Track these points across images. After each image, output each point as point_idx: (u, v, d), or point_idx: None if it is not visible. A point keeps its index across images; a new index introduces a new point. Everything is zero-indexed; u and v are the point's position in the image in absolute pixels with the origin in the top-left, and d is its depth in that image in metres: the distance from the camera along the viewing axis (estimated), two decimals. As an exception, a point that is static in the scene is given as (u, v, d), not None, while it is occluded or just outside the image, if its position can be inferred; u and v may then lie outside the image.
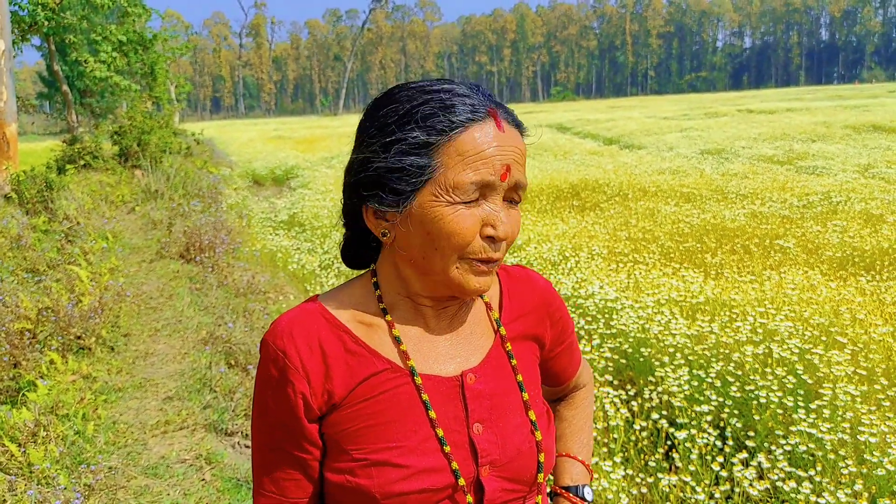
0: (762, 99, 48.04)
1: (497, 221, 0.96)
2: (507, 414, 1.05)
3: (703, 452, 3.16)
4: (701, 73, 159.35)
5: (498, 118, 0.97)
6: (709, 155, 15.86)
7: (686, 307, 4.60)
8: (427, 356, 1.04)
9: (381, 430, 0.99)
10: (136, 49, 20.01)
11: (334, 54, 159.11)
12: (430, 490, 0.97)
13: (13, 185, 11.03)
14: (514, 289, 1.15)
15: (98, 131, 16.62)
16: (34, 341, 4.91)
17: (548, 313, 1.17)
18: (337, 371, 1.00)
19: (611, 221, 8.12)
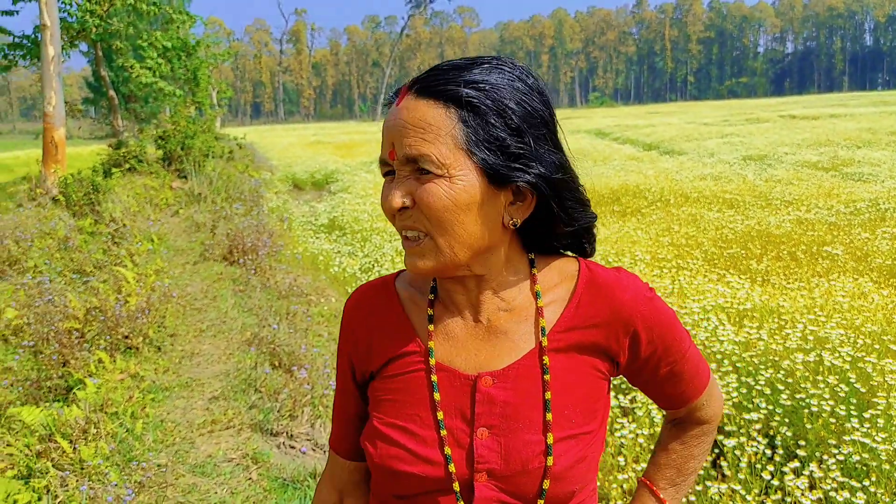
0: (805, 105, 47.22)
1: (385, 193, 0.98)
2: (520, 427, 0.99)
3: (753, 461, 3.10)
4: (741, 78, 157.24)
5: (403, 95, 0.97)
6: (751, 161, 15.62)
7: (733, 313, 4.53)
8: (452, 346, 1.04)
9: (397, 407, 1.03)
10: (180, 55, 20.37)
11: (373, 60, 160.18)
12: (424, 478, 0.98)
13: (61, 188, 11.29)
14: (587, 295, 1.04)
15: (142, 136, 16.96)
16: (82, 340, 5.01)
17: (627, 331, 1.03)
18: (379, 343, 1.08)
19: (653, 227, 8.05)
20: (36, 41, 15.14)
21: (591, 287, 1.05)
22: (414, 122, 0.93)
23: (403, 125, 0.94)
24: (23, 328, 5.32)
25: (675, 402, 1.14)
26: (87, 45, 20.76)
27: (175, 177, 13.98)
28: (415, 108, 0.94)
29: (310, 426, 3.85)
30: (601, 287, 1.04)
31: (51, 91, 11.94)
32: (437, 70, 0.96)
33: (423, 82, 0.95)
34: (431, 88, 0.94)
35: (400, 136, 0.94)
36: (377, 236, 9.11)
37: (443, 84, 0.94)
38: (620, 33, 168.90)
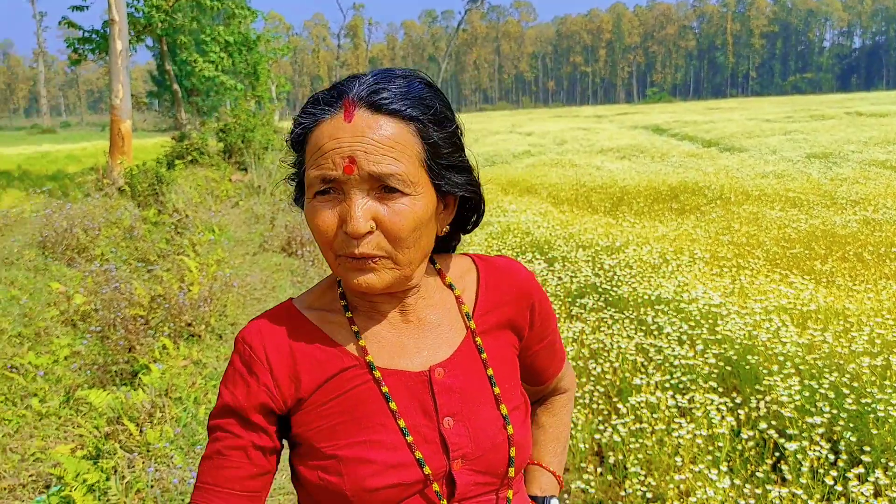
0: (872, 101, 45.70)
1: (347, 216, 0.93)
2: (479, 407, 1.03)
3: (815, 466, 3.04)
4: (806, 74, 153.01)
5: (349, 108, 0.93)
6: (815, 159, 15.21)
7: (796, 315, 4.43)
8: (391, 351, 1.04)
9: (349, 427, 0.99)
10: (241, 49, 20.76)
11: (429, 55, 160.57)
12: (401, 485, 0.97)
13: (127, 179, 11.62)
14: (492, 278, 1.12)
15: (204, 129, 17.34)
16: (147, 327, 5.16)
17: (528, 304, 1.13)
18: (304, 367, 1.01)
19: (712, 225, 7.91)
20: (104, 36, 15.60)
21: (492, 272, 1.13)
22: (380, 139, 0.92)
23: (368, 141, 0.92)
24: (90, 314, 5.50)
25: (549, 374, 1.23)
26: (152, 40, 21.29)
27: (235, 169, 14.27)
28: (376, 124, 0.93)
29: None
30: (500, 270, 1.14)
31: (118, 84, 12.29)
32: (377, 84, 0.95)
33: (374, 97, 0.94)
34: (386, 105, 0.94)
35: (364, 153, 0.91)
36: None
37: (398, 100, 0.94)
38: (680, 27, 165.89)
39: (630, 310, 5.12)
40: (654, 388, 3.80)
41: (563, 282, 5.86)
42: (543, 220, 8.45)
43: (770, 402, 3.56)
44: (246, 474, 1.00)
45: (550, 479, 1.26)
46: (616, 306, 5.31)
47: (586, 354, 4.40)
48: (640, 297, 5.20)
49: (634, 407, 3.63)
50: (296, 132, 0.98)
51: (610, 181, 12.09)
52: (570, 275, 6.01)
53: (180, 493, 2.93)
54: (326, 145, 0.93)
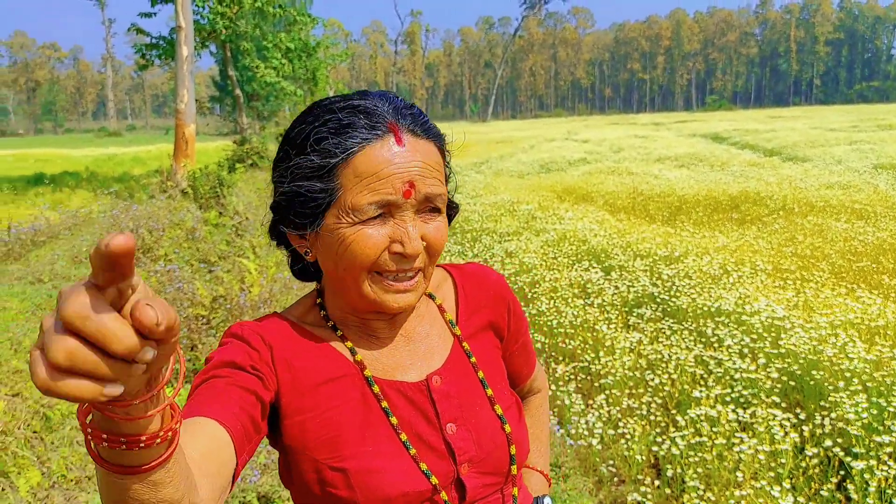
0: (945, 111, 44.13)
1: (405, 238, 0.94)
2: (477, 411, 1.05)
3: (883, 486, 2.95)
4: (873, 82, 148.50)
5: (398, 132, 0.94)
6: (883, 170, 14.75)
7: (863, 330, 4.31)
8: (387, 365, 1.04)
9: (353, 437, 0.98)
10: (301, 55, 21.10)
11: (485, 61, 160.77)
12: (412, 493, 0.97)
13: (189, 181, 11.92)
14: (468, 284, 1.16)
15: (264, 133, 17.67)
16: (208, 327, 5.28)
17: (505, 305, 1.17)
18: (303, 363, 1.00)
19: (774, 236, 7.74)
20: (171, 42, 16.04)
21: (468, 278, 1.17)
22: (430, 163, 0.96)
23: (422, 165, 0.95)
24: (155, 313, 5.64)
25: (523, 375, 1.26)
26: (216, 46, 21.82)
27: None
28: (425, 149, 0.96)
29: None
30: (474, 275, 1.18)
31: (183, 89, 12.61)
32: (405, 107, 0.98)
33: (413, 121, 0.97)
34: (424, 128, 0.98)
35: (421, 176, 0.95)
36: (487, 237, 9.15)
37: (428, 124, 0.99)
38: (742, 34, 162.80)
39: (689, 321, 5.04)
40: (713, 402, 3.73)
41: (620, 291, 5.80)
42: (600, 229, 8.38)
43: (835, 419, 3.47)
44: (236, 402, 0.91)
45: (540, 479, 1.29)
46: (674, 317, 5.24)
47: (643, 365, 4.35)
48: (699, 308, 5.12)
49: (693, 420, 3.57)
50: (340, 158, 0.93)
51: (668, 190, 11.93)
52: (628, 284, 5.95)
53: (242, 491, 2.98)
54: (384, 170, 0.92)
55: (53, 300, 6.03)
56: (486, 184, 14.99)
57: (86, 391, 0.50)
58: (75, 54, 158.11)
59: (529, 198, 12.07)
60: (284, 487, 1.07)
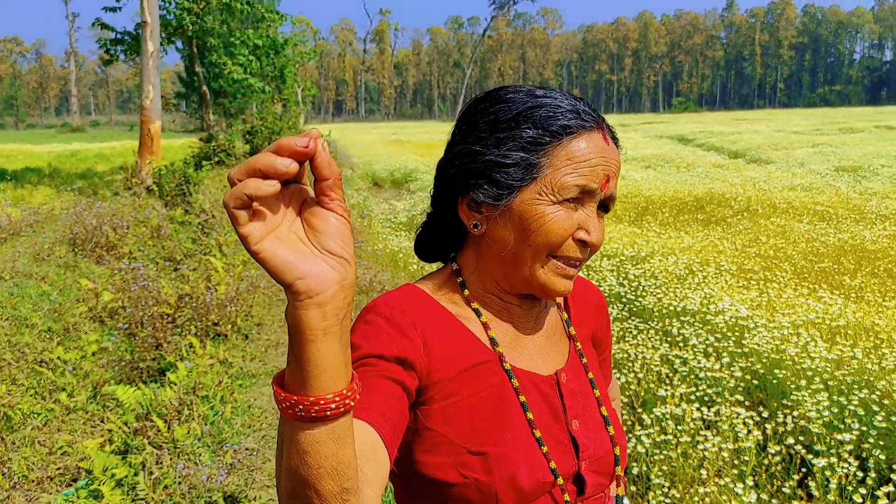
0: (903, 115, 45.14)
1: (591, 227, 1.00)
2: (593, 410, 1.10)
3: (843, 483, 3.01)
4: (835, 86, 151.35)
5: (605, 132, 1.01)
6: (844, 172, 15.05)
7: (825, 330, 4.39)
8: (522, 354, 1.07)
9: (494, 424, 1.00)
10: (269, 53, 20.93)
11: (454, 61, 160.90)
12: (540, 483, 0.99)
13: (155, 179, 11.77)
14: (576, 294, 1.20)
15: (232, 130, 17.49)
16: (174, 325, 5.22)
17: (603, 319, 1.24)
18: (447, 350, 1.00)
19: (739, 237, 7.85)
20: (136, 37, 15.81)
21: (575, 286, 1.19)
22: (619, 166, 1.04)
23: (616, 168, 1.02)
24: (118, 311, 5.58)
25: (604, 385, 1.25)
26: (182, 42, 21.55)
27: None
28: (618, 154, 1.03)
29: (390, 420, 3.92)
30: (581, 285, 1.22)
31: (149, 85, 12.44)
32: (593, 107, 1.03)
33: (609, 129, 1.03)
34: (614, 137, 1.04)
35: (614, 175, 1.01)
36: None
37: (613, 130, 1.05)
38: (708, 37, 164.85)
39: (655, 321, 5.10)
40: (678, 400, 3.77)
41: (588, 291, 5.84)
42: (568, 229, 8.43)
43: (797, 417, 3.53)
44: (396, 409, 0.92)
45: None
46: (640, 317, 5.29)
47: (611, 364, 4.38)
48: (665, 307, 5.17)
49: (659, 418, 3.61)
50: (558, 137, 0.97)
51: (634, 190, 12.04)
52: (595, 283, 6.00)
53: (208, 491, 2.95)
54: (594, 160, 0.98)
55: (15, 297, 5.92)
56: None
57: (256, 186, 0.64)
58: (38, 48, 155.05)
59: (498, 197, 12.08)
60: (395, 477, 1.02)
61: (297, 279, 0.66)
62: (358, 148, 28.19)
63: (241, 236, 0.65)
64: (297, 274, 0.66)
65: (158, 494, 2.97)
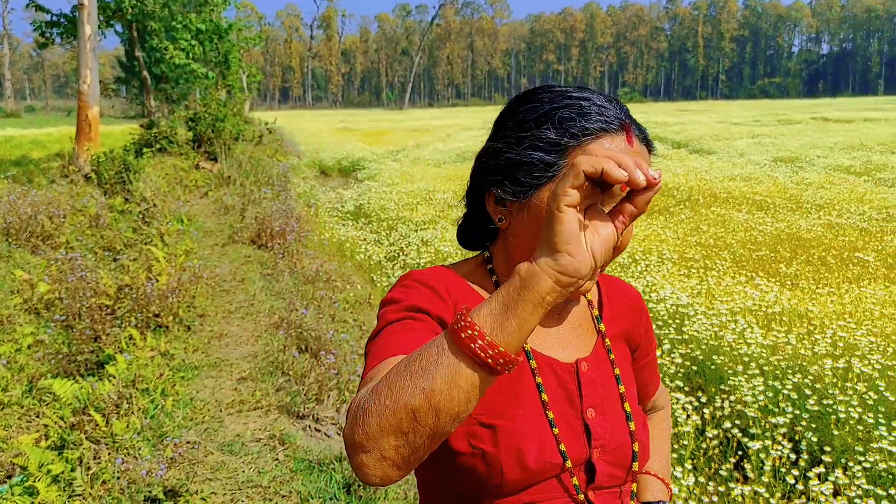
0: (838, 107, 46.55)
1: None
2: (613, 403, 1.11)
3: (777, 465, 3.10)
4: (774, 78, 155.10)
5: (630, 133, 1.01)
6: (782, 163, 15.46)
7: (761, 317, 4.51)
8: (543, 341, 1.10)
9: (507, 400, 1.03)
10: (212, 38, 20.52)
11: (402, 48, 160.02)
12: (548, 464, 1.01)
13: (93, 166, 11.44)
14: (612, 293, 1.22)
15: (174, 117, 17.10)
16: (113, 317, 5.09)
17: (640, 320, 1.23)
18: None
19: (681, 226, 8.01)
20: (72, 20, 15.32)
21: (612, 286, 1.23)
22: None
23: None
24: (55, 303, 5.42)
25: (649, 391, 1.31)
26: (121, 26, 20.97)
27: (205, 159, 14.10)
28: (645, 155, 1.03)
29: (335, 410, 3.90)
30: (618, 286, 1.24)
31: (86, 70, 12.08)
32: (629, 113, 1.04)
33: (637, 127, 1.04)
34: (645, 139, 1.05)
35: None
36: (403, 225, 9.14)
37: (648, 137, 1.06)
38: (653, 29, 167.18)
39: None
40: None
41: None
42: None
43: (734, 401, 3.63)
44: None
45: (661, 486, 1.31)
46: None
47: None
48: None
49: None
50: (578, 140, 0.99)
51: (581, 180, 12.15)
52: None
53: (148, 485, 2.90)
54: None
55: (-57, 290, 5.70)
56: (403, 172, 14.96)
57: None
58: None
59: (445, 186, 12.11)
60: None
61: (567, 253, 0.76)
62: (305, 136, 27.86)
63: (561, 194, 0.77)
64: (570, 249, 0.77)
65: (96, 490, 2.91)
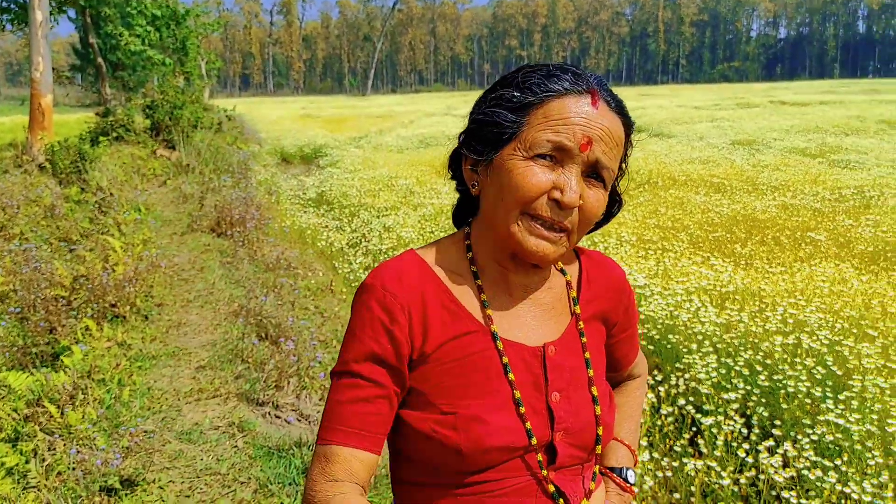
0: (795, 91, 47.32)
1: (566, 187, 1.00)
2: (579, 386, 1.12)
3: (729, 439, 3.17)
4: (733, 62, 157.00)
5: (596, 96, 1.02)
6: (740, 146, 15.70)
7: (715, 296, 4.60)
8: (512, 324, 1.10)
9: (469, 389, 1.05)
10: (169, 24, 20.15)
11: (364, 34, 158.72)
12: (509, 448, 1.04)
13: (47, 155, 11.21)
14: (593, 272, 1.22)
15: (130, 105, 16.78)
16: (69, 308, 5.02)
17: (620, 299, 1.24)
18: (434, 322, 1.06)
19: (639, 209, 8.10)
20: (23, 5, 14.95)
21: (594, 265, 1.23)
22: (612, 135, 1.03)
23: (606, 132, 1.02)
24: (9, 294, 5.32)
25: (626, 361, 1.33)
26: (74, 11, 20.48)
27: (163, 147, 13.89)
28: (613, 122, 1.04)
29: (295, 397, 3.90)
30: (600, 264, 1.24)
31: (38, 57, 11.81)
32: (605, 82, 1.06)
33: (611, 96, 1.05)
34: (618, 106, 1.06)
35: (600, 139, 1.01)
36: (365, 211, 9.12)
37: (623, 105, 1.07)
38: (614, 14, 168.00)
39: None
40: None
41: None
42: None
43: (689, 379, 3.70)
44: (388, 420, 1.06)
45: (626, 453, 1.34)
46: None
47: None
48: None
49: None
50: (539, 96, 1.01)
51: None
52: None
53: (103, 475, 2.88)
54: (572, 119, 1.00)
55: None
56: (365, 158, 14.90)
57: None
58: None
59: (408, 173, 12.09)
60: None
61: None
62: (266, 123, 27.57)
63: None
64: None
65: (51, 481, 2.88)
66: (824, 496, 2.69)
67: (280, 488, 3.02)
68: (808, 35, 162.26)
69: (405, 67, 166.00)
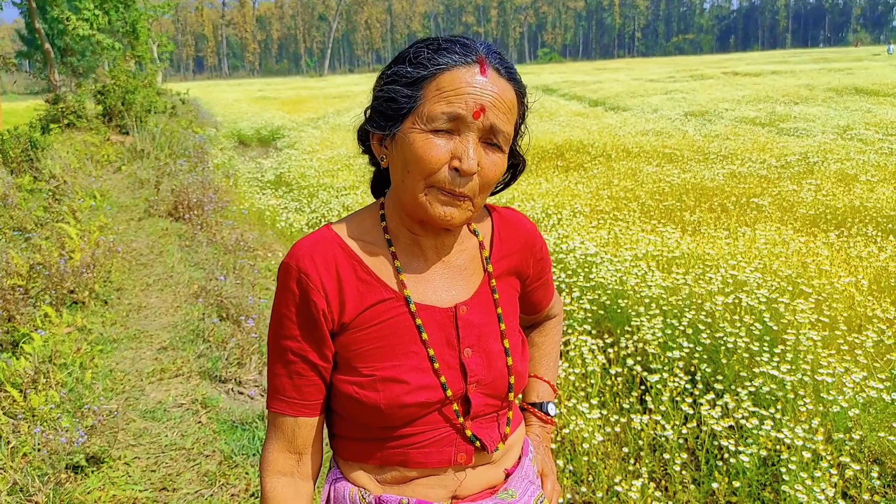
0: (748, 62, 48.00)
1: (464, 155, 1.05)
2: (491, 341, 1.20)
3: (674, 395, 3.34)
4: (688, 35, 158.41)
5: (484, 65, 1.07)
6: (692, 117, 15.97)
7: (662, 261, 4.77)
8: (426, 287, 1.19)
9: (385, 352, 1.13)
10: (118, 7, 19.75)
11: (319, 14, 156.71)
12: (426, 403, 1.13)
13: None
14: (504, 229, 1.28)
15: (81, 91, 16.48)
16: (27, 296, 5.01)
17: (532, 253, 1.31)
18: (349, 295, 1.14)
19: (594, 181, 8.26)
20: (-36, -9, 14.55)
21: (505, 223, 1.29)
22: (504, 100, 1.08)
23: (497, 97, 1.07)
24: (-36, 285, 5.28)
25: (543, 304, 1.43)
26: (19, -4, 19.98)
27: (116, 133, 13.70)
28: (504, 87, 1.09)
29: (258, 373, 3.98)
30: (511, 221, 1.31)
31: (-17, 44, 11.54)
32: (497, 52, 1.11)
33: (500, 62, 1.10)
34: (508, 71, 1.11)
35: (493, 105, 1.07)
36: (324, 192, 9.15)
37: (513, 70, 1.12)
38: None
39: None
40: (533, 334, 4.02)
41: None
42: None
43: (637, 340, 3.86)
44: (322, 387, 1.17)
45: (547, 388, 1.45)
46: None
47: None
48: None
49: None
50: (430, 70, 1.07)
51: (499, 140, 12.32)
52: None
53: (69, 454, 2.94)
54: (463, 89, 1.05)
55: None
56: (324, 139, 14.86)
57: None
58: None
59: (365, 152, 12.09)
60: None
61: None
62: (222, 106, 27.25)
63: None
64: None
65: (17, 463, 2.93)
66: (760, 442, 2.87)
67: (244, 459, 3.12)
68: (759, 6, 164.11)
69: (362, 47, 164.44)
